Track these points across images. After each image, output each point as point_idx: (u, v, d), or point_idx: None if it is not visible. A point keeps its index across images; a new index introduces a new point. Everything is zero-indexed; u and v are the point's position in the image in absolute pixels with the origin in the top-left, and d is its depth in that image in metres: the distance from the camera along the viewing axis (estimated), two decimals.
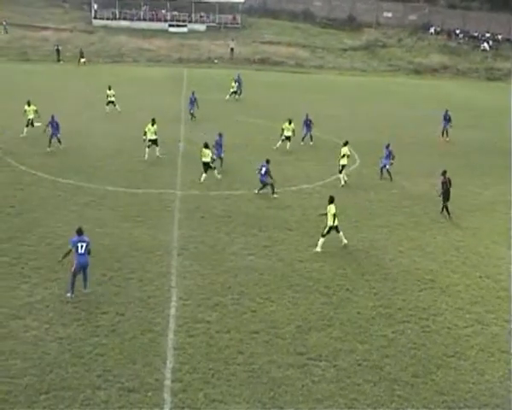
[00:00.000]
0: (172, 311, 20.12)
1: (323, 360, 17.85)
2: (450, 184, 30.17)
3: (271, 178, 31.71)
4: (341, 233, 25.81)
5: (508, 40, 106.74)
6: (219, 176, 34.11)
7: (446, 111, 47.65)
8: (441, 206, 30.48)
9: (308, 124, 43.29)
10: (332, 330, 19.49)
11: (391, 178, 35.79)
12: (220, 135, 36.59)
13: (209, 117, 49.30)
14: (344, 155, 34.64)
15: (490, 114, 60.88)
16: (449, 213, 30.24)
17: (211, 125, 45.02)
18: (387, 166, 35.83)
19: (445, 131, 47.22)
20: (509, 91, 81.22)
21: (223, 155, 36.30)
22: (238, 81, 61.52)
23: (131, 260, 23.62)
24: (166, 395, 15.92)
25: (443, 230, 28.93)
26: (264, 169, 31.61)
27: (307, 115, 43.73)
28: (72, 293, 20.57)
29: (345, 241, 25.95)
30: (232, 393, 16.17)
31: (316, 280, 22.85)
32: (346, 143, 35.28)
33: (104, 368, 16.84)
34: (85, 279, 20.79)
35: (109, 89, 50.12)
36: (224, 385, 16.46)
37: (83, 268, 20.57)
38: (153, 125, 37.12)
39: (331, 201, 25.40)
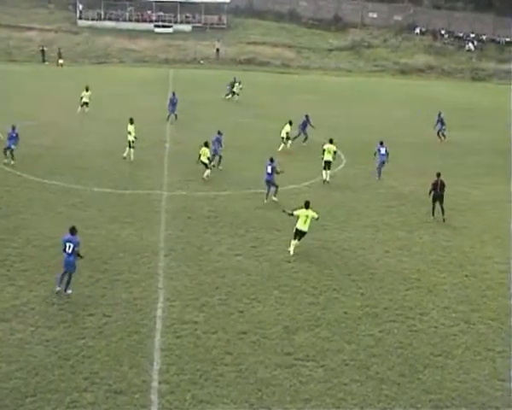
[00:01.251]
0: (159, 312, 20.07)
1: (311, 360, 17.86)
2: (442, 186, 29.72)
3: (277, 173, 31.11)
4: (297, 242, 25.04)
5: (492, 40, 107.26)
6: (207, 177, 34.10)
7: (439, 113, 47.73)
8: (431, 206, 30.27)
9: (305, 124, 43.56)
10: (319, 331, 19.51)
11: (381, 178, 35.95)
12: (219, 133, 36.72)
13: (196, 118, 49.23)
14: (329, 152, 34.98)
15: (479, 115, 61.15)
16: (441, 217, 29.92)
17: (197, 126, 45.00)
18: (382, 165, 36.12)
19: (440, 133, 47.22)
20: (494, 91, 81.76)
21: (221, 153, 36.28)
22: (232, 85, 61.44)
23: (118, 261, 23.56)
24: (154, 397, 15.88)
25: (430, 229, 29.03)
26: (269, 168, 30.89)
27: (307, 117, 43.96)
28: (59, 286, 20.70)
29: (290, 249, 25.13)
30: (220, 394, 16.15)
31: (303, 280, 22.87)
32: (331, 141, 35.67)
33: (91, 370, 16.77)
34: (68, 281, 20.67)
35: (86, 90, 49.81)
36: (211, 386, 16.43)
37: (67, 268, 20.48)
38: (131, 124, 36.98)
39: (306, 206, 25.03)
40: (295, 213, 25.07)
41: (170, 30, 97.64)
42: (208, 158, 34.00)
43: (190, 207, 29.89)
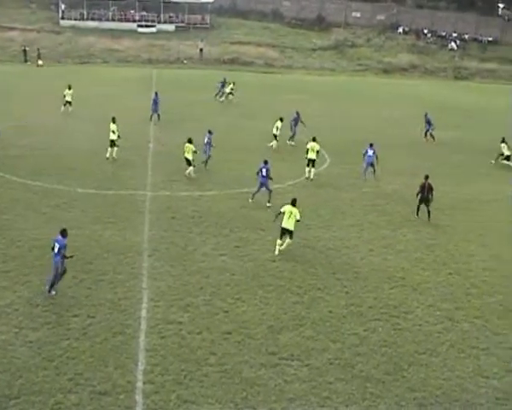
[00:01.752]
0: (144, 312, 20.02)
1: (296, 360, 17.88)
2: (430, 189, 29.58)
3: (271, 178, 31.00)
4: (281, 242, 24.93)
5: (475, 40, 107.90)
6: (189, 174, 34.06)
7: (426, 114, 47.82)
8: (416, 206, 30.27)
9: (296, 121, 43.79)
10: (304, 330, 19.53)
11: (365, 178, 36.10)
12: (210, 132, 36.77)
13: (180, 118, 49.12)
14: (313, 150, 35.31)
15: (462, 114, 61.42)
16: (426, 218, 29.84)
17: (181, 126, 44.91)
18: (371, 166, 36.31)
19: (428, 134, 47.27)
20: (476, 90, 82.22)
21: (210, 153, 36.38)
22: (222, 83, 61.35)
23: (102, 261, 23.47)
24: (138, 397, 15.84)
25: (414, 228, 29.13)
26: (264, 171, 30.70)
27: (298, 113, 44.16)
28: (50, 289, 20.73)
29: (278, 250, 25.00)
30: (204, 394, 16.13)
31: (287, 280, 22.89)
32: (314, 139, 36.01)
33: (75, 371, 16.70)
34: (52, 283, 20.55)
35: (69, 88, 49.61)
36: (196, 386, 16.41)
37: (53, 269, 20.38)
38: (113, 123, 36.93)
39: (293, 203, 24.94)
40: (281, 209, 25.03)
41: (153, 30, 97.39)
42: (195, 152, 33.93)
43: (174, 208, 29.82)
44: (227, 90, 60.15)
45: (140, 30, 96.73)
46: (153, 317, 19.77)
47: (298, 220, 24.74)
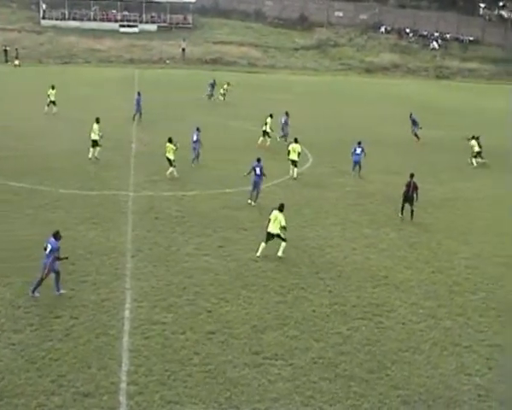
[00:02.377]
0: (127, 313, 19.94)
1: (279, 359, 17.87)
2: (415, 188, 29.61)
3: (265, 175, 31.19)
4: (282, 244, 24.81)
5: (456, 39, 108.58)
6: (170, 175, 34.02)
7: (410, 114, 47.94)
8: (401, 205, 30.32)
9: (287, 122, 44.07)
10: (287, 329, 19.54)
11: (354, 175, 36.73)
12: (198, 130, 37.11)
13: (162, 118, 49.04)
14: (294, 151, 35.70)
15: (444, 113, 61.79)
16: (409, 217, 29.84)
17: (163, 126, 44.83)
18: (355, 165, 36.84)
19: (415, 133, 47.37)
20: (458, 89, 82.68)
21: (200, 150, 36.94)
22: (212, 85, 61.32)
23: (86, 262, 23.35)
24: (122, 398, 15.77)
25: (396, 226, 29.24)
26: (258, 169, 30.67)
27: (287, 114, 44.38)
28: (58, 291, 20.67)
29: (279, 254, 24.75)
30: (188, 394, 16.09)
31: (271, 279, 22.88)
32: (296, 140, 36.31)
33: (58, 373, 16.60)
34: (37, 283, 20.44)
35: (52, 88, 49.46)
36: (180, 386, 16.37)
37: (40, 270, 20.27)
38: (97, 123, 36.89)
39: (280, 208, 24.79)
40: (270, 216, 24.92)
41: (135, 30, 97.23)
42: (177, 147, 33.90)
43: (157, 208, 29.76)
44: (221, 90, 60.16)
45: (122, 30, 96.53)
46: (136, 318, 19.71)
47: (283, 227, 24.51)
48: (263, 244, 24.77)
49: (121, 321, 19.44)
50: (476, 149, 42.05)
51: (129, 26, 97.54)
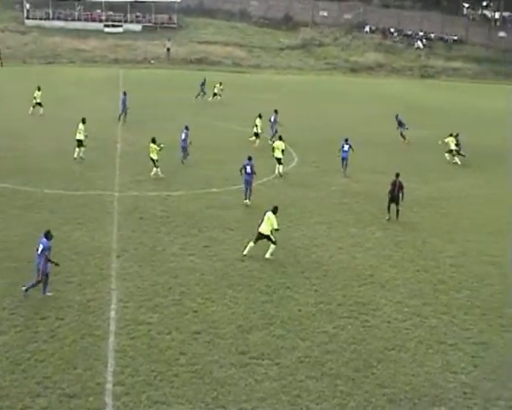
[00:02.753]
0: (113, 314, 19.88)
1: (266, 359, 17.88)
2: (400, 187, 29.53)
3: (255, 173, 31.24)
4: (271, 246, 24.75)
5: (440, 39, 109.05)
6: (154, 175, 33.95)
7: (396, 115, 47.96)
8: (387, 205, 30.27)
9: (276, 120, 44.27)
10: (273, 329, 19.54)
11: (344, 173, 37.29)
12: (187, 128, 37.57)
13: (147, 118, 48.92)
14: (278, 149, 36.01)
15: (429, 112, 62.00)
16: (394, 217, 29.81)
17: (148, 126, 44.73)
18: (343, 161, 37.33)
19: (402, 134, 47.40)
20: (442, 88, 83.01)
21: (188, 147, 37.38)
22: (203, 84, 61.07)
23: (71, 263, 23.25)
24: (108, 399, 15.72)
25: (382, 225, 29.31)
26: (248, 168, 30.69)
27: (276, 112, 44.54)
28: (44, 293, 20.54)
29: (267, 256, 24.70)
30: (175, 394, 16.07)
31: (256, 279, 22.89)
32: (280, 138, 36.72)
33: (44, 375, 16.52)
34: (31, 285, 20.37)
35: (38, 89, 49.27)
36: (166, 387, 16.34)
37: (36, 270, 20.23)
38: (83, 123, 36.85)
39: (273, 210, 24.78)
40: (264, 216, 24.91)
41: (120, 29, 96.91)
42: (160, 149, 33.83)
43: (142, 208, 29.69)
44: (214, 89, 59.96)
45: (106, 30, 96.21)
46: (122, 318, 19.65)
47: (276, 229, 24.56)
48: (251, 244, 24.77)
49: (107, 322, 19.38)
50: (452, 146, 42.26)
51: (113, 25, 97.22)
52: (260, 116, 42.94)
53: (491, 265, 25.53)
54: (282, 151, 36.12)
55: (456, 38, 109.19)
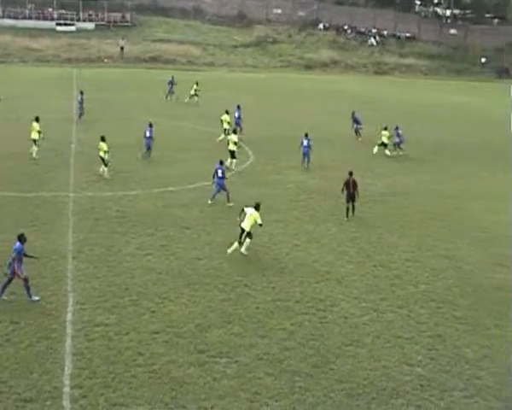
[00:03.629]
0: (69, 316, 19.68)
1: (224, 357, 17.88)
2: (354, 185, 29.60)
3: (226, 178, 31.10)
4: (247, 240, 24.87)
5: (393, 36, 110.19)
6: (108, 175, 33.68)
7: (353, 113, 48.23)
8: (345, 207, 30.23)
9: (239, 116, 44.54)
10: (232, 327, 19.55)
11: (305, 167, 38.08)
12: (151, 125, 37.95)
13: (102, 117, 48.50)
14: (231, 142, 36.68)
15: (383, 107, 62.53)
16: (350, 213, 29.82)
17: (103, 126, 44.35)
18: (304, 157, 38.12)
19: (357, 132, 47.68)
20: (396, 84, 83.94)
21: (151, 146, 37.97)
22: (171, 83, 60.34)
23: (26, 266, 22.75)
24: (66, 403, 15.56)
25: (337, 222, 29.50)
26: (220, 172, 30.58)
27: (239, 107, 44.74)
28: (29, 296, 20.36)
29: (242, 250, 24.91)
30: (133, 395, 15.97)
31: (214, 277, 22.86)
32: (234, 132, 37.43)
33: None
34: (26, 287, 20.28)
35: None
36: (125, 388, 16.23)
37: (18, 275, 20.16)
38: (36, 121, 36.48)
39: (255, 207, 24.86)
40: (244, 209, 25.00)
41: (72, 28, 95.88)
42: (106, 152, 33.58)
43: (98, 208, 29.43)
44: (191, 91, 59.09)
45: (59, 28, 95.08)
46: (79, 320, 19.46)
47: (260, 224, 24.60)
48: (236, 244, 24.76)
49: (63, 324, 19.17)
50: (384, 139, 42.97)
51: (66, 24, 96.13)
52: (227, 112, 43.22)
53: (446, 258, 25.91)
54: (235, 143, 36.63)
55: (408, 34, 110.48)
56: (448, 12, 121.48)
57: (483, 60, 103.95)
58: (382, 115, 56.64)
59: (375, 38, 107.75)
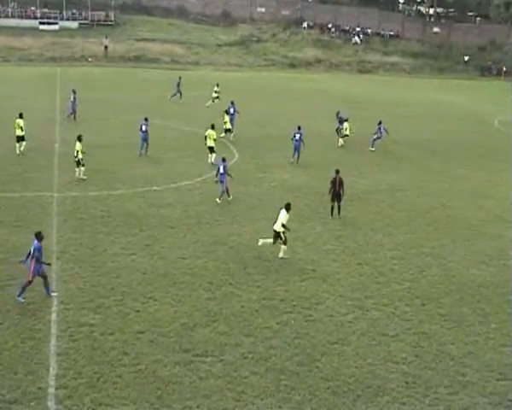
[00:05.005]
0: (54, 316, 19.60)
1: (210, 356, 17.87)
2: (340, 184, 29.53)
3: (229, 175, 31.27)
4: (282, 247, 24.92)
5: (377, 34, 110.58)
6: (79, 175, 33.43)
7: (338, 112, 48.20)
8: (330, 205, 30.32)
9: (234, 112, 44.56)
10: (217, 326, 19.54)
11: (297, 161, 38.47)
12: (146, 119, 38.37)
13: (86, 117, 48.27)
14: (210, 138, 36.82)
15: (368, 106, 62.66)
16: (336, 213, 29.80)
17: (87, 125, 44.18)
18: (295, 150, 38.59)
19: (339, 131, 47.66)
20: (380, 83, 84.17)
21: (147, 141, 38.26)
22: (178, 83, 59.70)
23: (9, 266, 22.79)
24: (51, 403, 15.50)
25: (322, 220, 29.55)
26: (221, 168, 30.72)
27: (233, 103, 44.69)
28: (48, 293, 20.66)
29: (280, 255, 24.90)
30: (119, 395, 15.94)
31: (199, 276, 22.84)
32: (212, 127, 37.20)
33: None
34: (22, 288, 20.33)
35: None
36: (110, 388, 16.19)
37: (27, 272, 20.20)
38: (20, 118, 36.42)
39: (286, 208, 24.96)
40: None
41: (56, 27, 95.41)
42: (83, 152, 33.30)
43: (82, 208, 29.30)
44: (213, 93, 58.09)
45: (42, 27, 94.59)
46: (63, 320, 19.39)
47: (283, 225, 24.63)
48: (269, 240, 24.92)
49: (48, 324, 19.10)
50: (346, 131, 44.05)
51: (49, 23, 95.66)
52: (227, 112, 43.38)
53: (430, 256, 26.02)
54: (214, 140, 36.90)
55: (392, 33, 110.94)
56: (431, 10, 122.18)
57: (466, 58, 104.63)
58: (366, 113, 56.78)
59: (359, 36, 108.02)
